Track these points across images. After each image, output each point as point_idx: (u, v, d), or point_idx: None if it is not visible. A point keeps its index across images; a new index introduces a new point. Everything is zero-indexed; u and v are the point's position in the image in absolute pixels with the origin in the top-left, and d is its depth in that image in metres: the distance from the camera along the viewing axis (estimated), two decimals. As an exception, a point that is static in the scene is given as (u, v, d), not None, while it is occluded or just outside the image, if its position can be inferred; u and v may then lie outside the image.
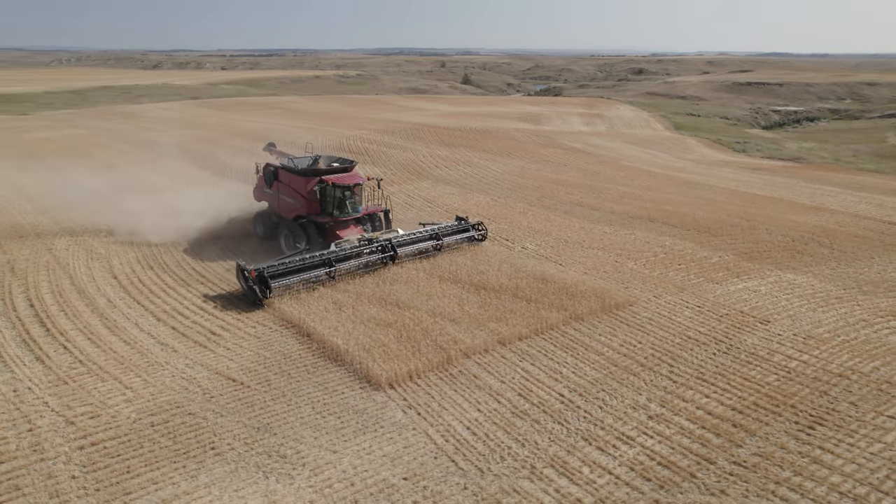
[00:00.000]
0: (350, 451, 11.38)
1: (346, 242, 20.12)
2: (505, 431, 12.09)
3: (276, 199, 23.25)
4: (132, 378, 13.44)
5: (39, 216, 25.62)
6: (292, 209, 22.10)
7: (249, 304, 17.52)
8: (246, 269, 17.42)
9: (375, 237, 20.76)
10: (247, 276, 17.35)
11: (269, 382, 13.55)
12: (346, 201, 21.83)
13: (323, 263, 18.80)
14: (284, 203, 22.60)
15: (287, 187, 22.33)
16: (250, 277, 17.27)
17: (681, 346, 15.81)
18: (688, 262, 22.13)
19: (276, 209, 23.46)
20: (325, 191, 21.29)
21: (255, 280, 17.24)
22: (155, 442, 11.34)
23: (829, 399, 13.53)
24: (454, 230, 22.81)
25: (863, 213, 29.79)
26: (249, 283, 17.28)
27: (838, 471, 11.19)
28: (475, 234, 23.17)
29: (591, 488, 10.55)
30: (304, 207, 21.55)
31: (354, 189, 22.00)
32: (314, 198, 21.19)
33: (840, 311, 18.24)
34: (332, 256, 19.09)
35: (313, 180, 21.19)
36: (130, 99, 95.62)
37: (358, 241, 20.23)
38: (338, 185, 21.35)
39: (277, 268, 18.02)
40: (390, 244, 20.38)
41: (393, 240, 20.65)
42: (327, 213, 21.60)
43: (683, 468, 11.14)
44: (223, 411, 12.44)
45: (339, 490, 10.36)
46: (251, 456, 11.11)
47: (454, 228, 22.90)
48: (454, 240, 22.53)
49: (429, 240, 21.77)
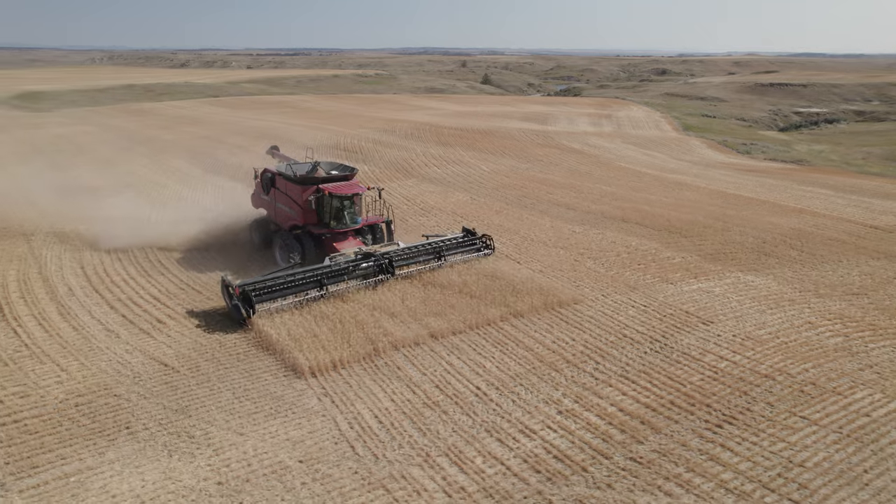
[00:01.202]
0: (256, 434, 11.88)
1: (342, 257, 18.68)
2: (411, 421, 12.45)
3: (272, 206, 22.08)
4: (70, 361, 14.16)
5: (28, 209, 26.77)
6: (288, 218, 20.93)
7: (197, 299, 18.15)
8: (231, 286, 16.18)
9: (374, 251, 19.11)
10: (231, 292, 16.15)
11: (198, 368, 14.15)
12: (345, 212, 20.53)
13: (314, 281, 17.26)
14: (281, 212, 21.46)
15: (284, 195, 21.10)
16: (234, 295, 16.02)
17: (613, 345, 15.96)
18: (648, 263, 22.16)
19: (273, 217, 22.29)
20: (322, 200, 20.07)
21: (240, 298, 15.96)
22: (74, 421, 12.00)
23: (747, 399, 13.57)
24: (458, 244, 20.94)
25: (847, 216, 29.30)
26: (234, 301, 16.05)
27: (732, 468, 11.29)
28: (482, 247, 21.31)
29: (478, 478, 10.85)
30: (301, 217, 20.31)
31: (354, 199, 20.67)
32: (310, 208, 19.97)
33: (788, 313, 18.14)
34: (325, 273, 17.59)
35: (310, 189, 19.99)
36: (152, 97, 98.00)
37: (355, 254, 18.77)
38: (335, 195, 20.04)
39: (265, 284, 16.65)
40: (388, 261, 18.69)
41: (392, 255, 19.02)
42: (324, 224, 20.36)
43: (577, 462, 11.36)
44: (148, 394, 13.06)
45: (235, 469, 10.85)
46: (161, 436, 11.69)
47: (458, 242, 21.04)
48: (458, 256, 20.52)
49: (430, 255, 19.97)
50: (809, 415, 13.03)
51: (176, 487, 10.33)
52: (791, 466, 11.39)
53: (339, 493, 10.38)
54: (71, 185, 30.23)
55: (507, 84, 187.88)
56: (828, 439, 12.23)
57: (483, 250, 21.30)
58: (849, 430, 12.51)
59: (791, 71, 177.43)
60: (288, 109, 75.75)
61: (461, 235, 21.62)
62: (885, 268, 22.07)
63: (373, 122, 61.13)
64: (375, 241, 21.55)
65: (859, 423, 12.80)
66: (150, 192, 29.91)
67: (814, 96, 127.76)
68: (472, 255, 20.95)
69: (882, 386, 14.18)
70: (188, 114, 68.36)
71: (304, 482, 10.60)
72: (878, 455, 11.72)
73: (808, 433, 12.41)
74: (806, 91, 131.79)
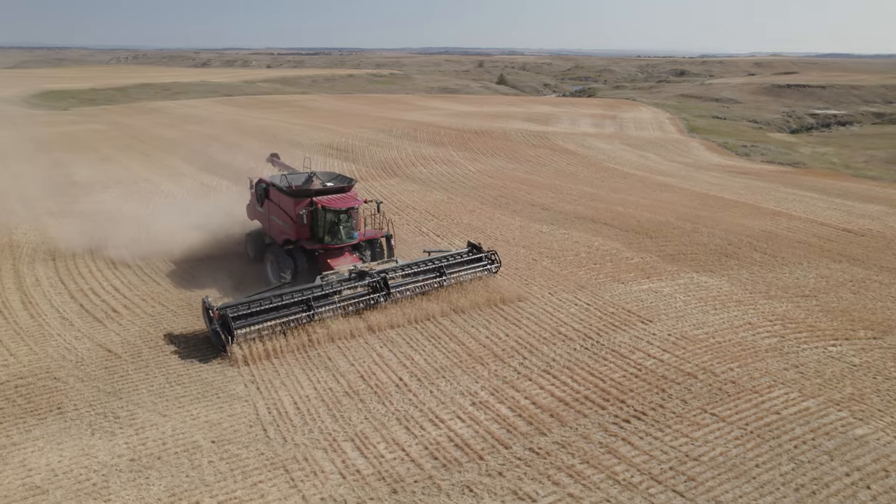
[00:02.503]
0: (178, 416, 12.59)
1: (335, 275, 17.34)
2: (327, 408, 13.06)
3: (266, 219, 20.94)
4: (20, 346, 15.07)
5: (17, 203, 27.98)
6: (281, 232, 19.73)
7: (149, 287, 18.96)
8: (212, 309, 15.04)
9: (370, 269, 17.77)
10: (211, 316, 15.04)
11: (139, 354, 14.95)
12: (340, 226, 19.11)
13: (301, 304, 15.92)
14: (274, 225, 20.28)
15: (277, 207, 19.93)
16: (214, 319, 14.96)
17: (545, 341, 16.37)
18: (605, 262, 22.47)
19: (266, 230, 21.26)
20: (316, 214, 18.84)
21: (219, 322, 14.86)
22: (11, 401, 12.85)
23: (662, 396, 13.90)
24: (462, 261, 19.36)
25: (822, 219, 29.19)
26: (213, 326, 14.95)
27: (626, 461, 11.67)
28: (488, 264, 19.75)
29: (376, 462, 11.41)
30: (293, 232, 19.08)
31: (350, 213, 19.21)
32: (303, 222, 18.78)
33: (732, 313, 18.36)
34: (313, 295, 16.18)
35: (303, 202, 18.76)
36: (168, 96, 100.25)
37: (349, 272, 17.46)
38: (329, 209, 18.67)
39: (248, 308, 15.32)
40: (383, 281, 17.31)
41: (388, 274, 17.65)
42: (318, 240, 19.12)
43: (475, 451, 11.84)
44: (86, 377, 13.87)
45: (150, 448, 11.57)
46: (88, 416, 12.47)
47: (462, 259, 19.45)
48: (461, 273, 19.04)
49: (431, 273, 18.55)
50: (720, 412, 13.33)
51: (90, 463, 11.08)
52: (686, 460, 11.73)
53: (242, 472, 11.02)
54: (63, 181, 31.43)
55: (522, 84, 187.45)
56: (730, 435, 12.53)
57: (489, 266, 19.71)
58: (754, 427, 12.79)
59: (812, 72, 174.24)
60: (295, 109, 77.00)
61: (466, 251, 19.91)
62: (844, 271, 22.09)
63: (374, 121, 61.94)
64: (374, 257, 20.30)
65: (767, 420, 13.07)
66: (136, 188, 30.97)
67: (832, 98, 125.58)
68: (478, 273, 19.40)
69: (801, 385, 14.41)
70: (197, 112, 69.92)
71: (212, 461, 11.26)
72: (774, 451, 12.00)
73: (712, 429, 12.72)
74: (824, 92, 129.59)
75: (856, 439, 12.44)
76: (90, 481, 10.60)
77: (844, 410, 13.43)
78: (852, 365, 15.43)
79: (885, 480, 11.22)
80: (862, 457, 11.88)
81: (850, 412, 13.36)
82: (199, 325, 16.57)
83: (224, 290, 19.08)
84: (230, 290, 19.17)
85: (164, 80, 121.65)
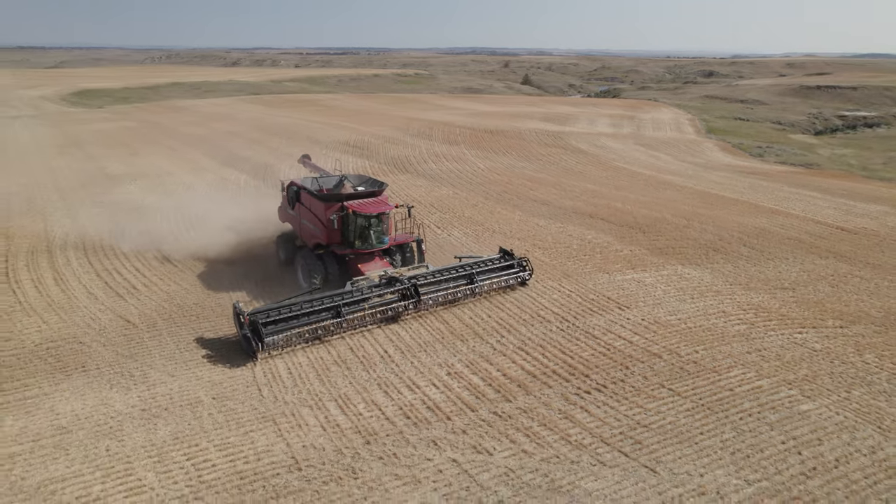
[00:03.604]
0: (185, 376, 14.24)
1: (366, 280, 17.42)
2: (317, 373, 14.56)
3: (298, 222, 20.93)
4: (52, 315, 16.97)
5: (53, 193, 30.26)
6: (312, 236, 19.78)
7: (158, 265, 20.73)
8: (242, 314, 15.18)
9: (400, 274, 17.83)
10: (241, 321, 15.18)
11: (154, 325, 16.70)
12: (371, 231, 19.07)
13: (330, 310, 16.09)
14: (305, 228, 20.24)
15: (308, 211, 19.93)
16: (244, 324, 15.10)
17: (524, 322, 17.62)
18: (594, 254, 23.57)
19: (298, 233, 21.25)
20: (347, 219, 18.73)
21: (250, 328, 15.05)
22: (43, 359, 14.68)
23: (625, 373, 15.05)
24: (494, 268, 19.47)
25: (820, 217, 29.71)
26: (243, 331, 15.11)
27: (581, 426, 12.90)
28: (520, 271, 19.82)
29: (354, 419, 12.86)
30: (324, 236, 19.10)
31: (381, 217, 19.18)
32: (334, 226, 18.71)
33: (708, 302, 19.33)
34: (343, 301, 16.31)
35: (333, 206, 18.77)
36: (197, 94, 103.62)
37: (380, 278, 17.56)
38: (360, 214, 18.65)
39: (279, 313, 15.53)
40: (413, 287, 17.32)
41: (419, 280, 17.70)
42: (348, 244, 19.02)
43: (444, 412, 13.21)
44: (107, 343, 15.66)
45: (159, 401, 13.22)
46: (108, 374, 14.20)
47: (494, 266, 19.52)
48: (493, 281, 19.12)
49: (462, 279, 18.60)
50: (677, 388, 14.42)
51: (107, 410, 12.78)
52: (636, 427, 12.90)
53: (237, 423, 12.59)
54: (96, 174, 33.70)
55: (547, 85, 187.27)
56: (682, 407, 13.64)
57: (521, 274, 19.81)
58: (706, 401, 13.86)
59: (846, 73, 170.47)
60: (318, 108, 79.17)
61: (497, 257, 20.01)
62: (827, 266, 22.79)
63: (393, 120, 63.58)
64: (405, 261, 20.23)
65: (719, 395, 14.12)
66: (159, 181, 33.09)
67: (863, 99, 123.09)
68: (510, 281, 19.58)
69: (759, 367, 15.39)
70: (223, 111, 72.53)
71: (211, 413, 12.86)
72: (719, 421, 13.08)
73: (666, 402, 13.83)
74: (855, 94, 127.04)
75: (799, 414, 13.42)
76: (107, 425, 12.28)
77: (795, 389, 14.40)
78: (813, 350, 16.32)
79: (816, 448, 12.23)
80: (800, 428, 12.88)
81: (800, 391, 14.33)
82: (207, 300, 18.28)
83: (236, 277, 20.71)
84: (240, 277, 20.76)
85: (195, 80, 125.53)
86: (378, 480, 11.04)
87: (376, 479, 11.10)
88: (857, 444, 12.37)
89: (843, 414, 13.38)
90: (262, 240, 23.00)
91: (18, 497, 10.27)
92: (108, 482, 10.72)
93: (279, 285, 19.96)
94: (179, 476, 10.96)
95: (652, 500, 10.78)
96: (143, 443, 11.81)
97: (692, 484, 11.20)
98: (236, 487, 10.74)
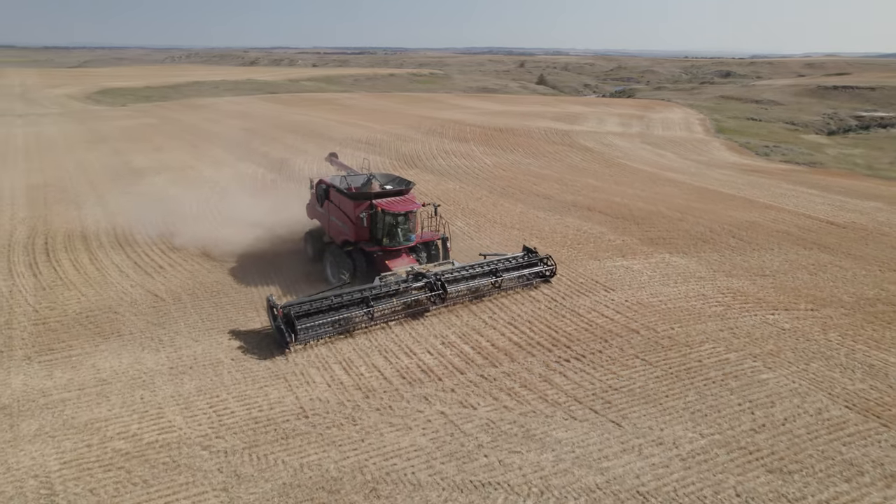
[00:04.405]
0: (207, 341, 16.02)
1: (393, 276, 18.03)
2: (324, 341, 16.24)
3: (326, 219, 21.39)
4: (89, 289, 18.89)
5: (84, 184, 32.42)
6: (341, 233, 20.28)
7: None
8: (276, 307, 15.73)
9: (427, 270, 18.49)
10: (275, 314, 15.72)
11: (179, 299, 18.52)
12: (398, 228, 19.54)
13: (360, 302, 16.72)
14: (334, 226, 20.77)
15: (337, 209, 20.45)
16: (278, 316, 15.64)
17: (516, 302, 19.14)
18: (587, 243, 25.00)
19: (326, 230, 21.69)
20: (376, 217, 19.32)
21: (283, 320, 15.60)
22: (83, 325, 16.56)
23: (604, 345, 16.53)
24: (517, 265, 20.12)
25: (811, 212, 30.78)
26: (277, 323, 15.69)
27: (558, 388, 14.41)
28: (543, 269, 20.38)
29: (356, 378, 14.51)
30: (353, 233, 19.64)
31: (408, 216, 19.65)
32: (363, 224, 19.38)
33: (690, 287, 20.69)
34: (372, 294, 16.96)
35: (363, 204, 19.35)
36: (216, 93, 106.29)
37: (407, 273, 18.19)
38: (388, 212, 19.16)
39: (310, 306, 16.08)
40: (440, 281, 18.05)
41: (444, 275, 18.31)
42: (376, 241, 19.60)
43: (436, 374, 14.81)
44: (138, 313, 17.51)
45: (185, 360, 15.01)
46: (140, 339, 16.03)
47: (518, 263, 20.19)
48: (516, 277, 19.86)
49: (487, 276, 19.23)
50: (650, 358, 15.86)
51: (140, 367, 14.59)
52: (608, 390, 14.39)
53: (252, 379, 14.31)
54: (121, 167, 35.86)
55: (562, 85, 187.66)
56: (653, 375, 15.09)
57: (545, 272, 20.43)
58: (675, 370, 15.30)
59: (867, 73, 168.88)
60: (333, 106, 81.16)
61: (521, 255, 20.61)
62: (810, 256, 23.98)
63: (406, 119, 65.28)
64: (430, 258, 20.80)
65: (688, 365, 15.54)
66: (182, 174, 35.15)
67: (882, 100, 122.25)
68: (535, 280, 20.27)
69: (729, 342, 16.77)
70: (241, 109, 74.78)
71: (230, 371, 14.61)
72: (685, 387, 14.51)
73: (639, 370, 15.30)
74: (874, 94, 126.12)
75: (758, 381, 14.81)
76: (141, 379, 14.09)
77: (759, 361, 15.77)
78: (782, 329, 17.65)
79: (768, 409, 13.63)
80: (757, 393, 14.28)
81: (763, 363, 15.70)
82: (226, 279, 20.08)
83: (252, 261, 22.43)
84: (256, 261, 22.45)
85: (214, 79, 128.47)
86: (374, 427, 12.68)
87: (373, 426, 12.73)
88: (806, 406, 13.76)
89: (799, 382, 14.75)
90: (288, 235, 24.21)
91: (70, 432, 12.09)
92: (143, 423, 12.50)
93: (294, 270, 21.66)
94: (203, 420, 12.69)
95: (614, 447, 12.27)
96: (172, 393, 13.57)
97: (652, 436, 12.67)
98: (251, 430, 12.45)
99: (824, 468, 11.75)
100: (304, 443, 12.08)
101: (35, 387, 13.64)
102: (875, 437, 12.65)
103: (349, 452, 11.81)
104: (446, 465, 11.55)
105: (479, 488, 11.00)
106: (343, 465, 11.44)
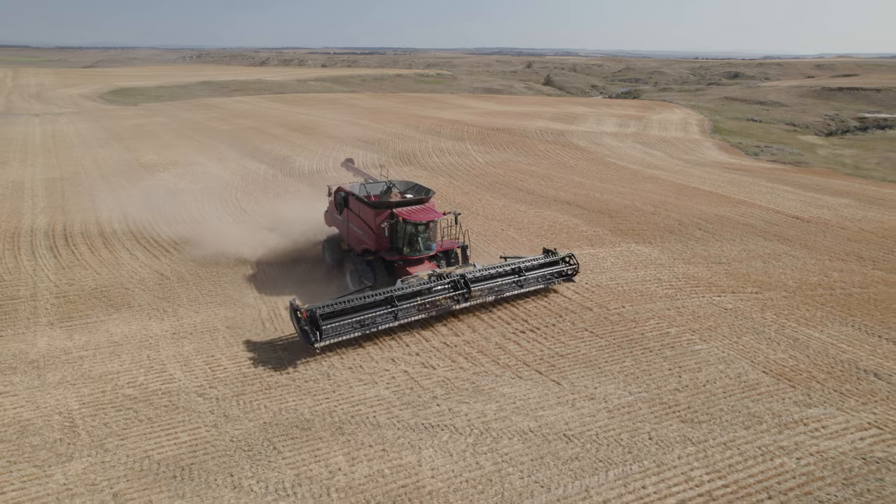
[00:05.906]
0: (206, 313, 18.17)
1: (415, 279, 18.07)
2: (309, 314, 18.32)
3: (345, 227, 21.20)
4: (103, 269, 21.16)
5: (98, 178, 34.82)
6: (360, 241, 20.12)
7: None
8: (299, 310, 15.72)
9: (448, 272, 18.50)
10: (299, 317, 15.72)
11: (183, 277, 20.72)
12: (419, 237, 19.48)
13: (384, 303, 16.84)
14: (353, 234, 20.58)
15: (356, 217, 20.23)
16: (302, 318, 15.68)
17: (485, 283, 21.08)
18: (560, 233, 26.94)
19: (345, 238, 21.54)
20: (397, 227, 19.13)
21: (307, 321, 15.65)
22: (98, 298, 18.78)
23: (557, 319, 18.48)
24: (539, 265, 20.26)
25: (782, 208, 32.46)
26: (301, 325, 15.71)
27: (510, 354, 16.32)
28: (566, 268, 20.65)
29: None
30: (373, 242, 19.49)
31: (429, 225, 19.59)
32: (384, 234, 19.23)
33: (648, 272, 22.56)
34: (396, 294, 17.05)
35: (383, 214, 19.14)
36: (225, 93, 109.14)
37: (428, 276, 18.15)
38: (410, 222, 19.02)
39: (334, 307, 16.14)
40: (463, 279, 18.16)
41: (467, 274, 18.40)
42: (397, 250, 19.45)
43: (405, 341, 16.81)
44: (146, 289, 19.71)
45: (185, 328, 17.17)
46: (147, 310, 18.23)
47: (539, 263, 20.32)
48: (539, 276, 19.95)
49: (509, 275, 19.35)
50: (597, 331, 17.77)
51: (147, 332, 16.78)
52: (554, 356, 16.34)
53: (244, 344, 16.43)
54: (133, 163, 38.24)
55: (569, 86, 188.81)
56: (598, 344, 17.03)
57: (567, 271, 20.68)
58: (618, 341, 17.21)
59: (875, 74, 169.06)
60: (338, 106, 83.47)
61: (542, 257, 20.75)
62: (768, 247, 25.75)
63: (406, 118, 67.39)
64: (450, 265, 20.60)
65: (631, 338, 17.44)
66: (189, 170, 37.48)
67: (887, 101, 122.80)
68: (558, 280, 20.54)
69: (673, 319, 18.65)
70: (249, 108, 77.30)
71: (225, 337, 16.74)
72: (624, 354, 16.43)
73: (585, 340, 17.23)
74: (879, 95, 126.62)
75: (692, 352, 16.70)
76: (147, 341, 16.28)
77: (696, 335, 17.66)
78: (724, 309, 19.51)
79: (695, 374, 15.53)
80: (688, 361, 16.17)
81: (700, 336, 17.58)
82: (225, 260, 22.23)
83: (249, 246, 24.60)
84: (255, 244, 24.64)
85: (223, 79, 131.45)
86: (345, 381, 14.75)
87: (344, 381, 14.80)
88: (728, 371, 15.65)
89: (728, 353, 16.63)
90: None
91: (87, 381, 14.27)
92: (149, 375, 14.65)
93: (300, 264, 23.75)
94: (199, 374, 14.82)
95: (551, 401, 14.25)
96: (174, 353, 15.72)
97: (585, 393, 14.63)
98: (240, 382, 14.56)
99: (730, 419, 13.66)
100: (284, 392, 14.17)
101: (58, 346, 15.85)
102: (780, 396, 14.54)
103: (321, 400, 13.89)
104: (403, 412, 13.59)
105: (429, 429, 13.03)
106: (315, 410, 13.51)
